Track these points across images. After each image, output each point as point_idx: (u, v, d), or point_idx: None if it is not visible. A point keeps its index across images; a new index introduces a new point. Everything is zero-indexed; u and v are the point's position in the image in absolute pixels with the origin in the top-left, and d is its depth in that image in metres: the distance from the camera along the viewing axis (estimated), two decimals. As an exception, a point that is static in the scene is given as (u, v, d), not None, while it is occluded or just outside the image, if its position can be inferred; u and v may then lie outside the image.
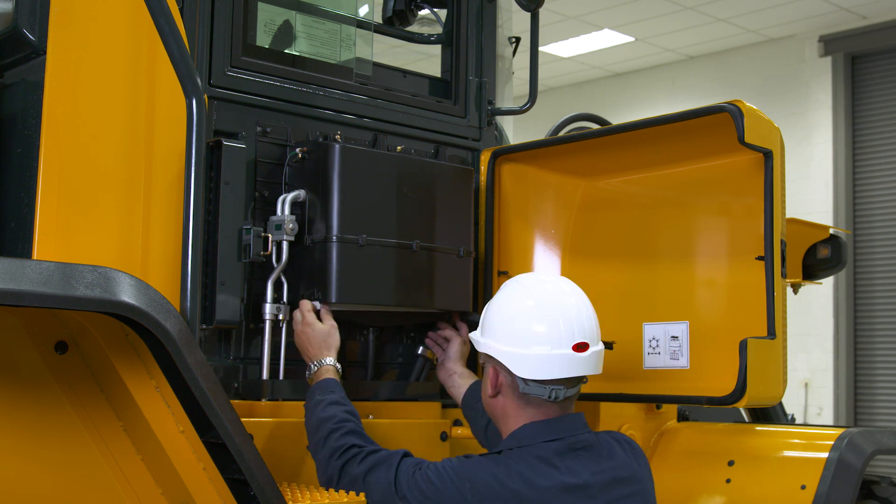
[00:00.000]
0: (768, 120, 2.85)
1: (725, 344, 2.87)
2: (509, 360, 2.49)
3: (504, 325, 2.54)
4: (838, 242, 4.40)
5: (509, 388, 2.52)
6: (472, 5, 3.45)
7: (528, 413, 2.51)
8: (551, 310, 2.51)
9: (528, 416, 2.51)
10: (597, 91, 12.32)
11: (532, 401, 2.50)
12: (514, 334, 2.50)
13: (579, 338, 2.49)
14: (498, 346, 2.52)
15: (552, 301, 2.53)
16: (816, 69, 10.25)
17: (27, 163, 2.41)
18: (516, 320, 2.52)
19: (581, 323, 2.52)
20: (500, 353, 2.51)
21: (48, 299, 2.01)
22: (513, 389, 2.51)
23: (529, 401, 2.50)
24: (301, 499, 2.44)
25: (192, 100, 2.43)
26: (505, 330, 2.53)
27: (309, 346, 2.80)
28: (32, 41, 2.50)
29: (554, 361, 2.47)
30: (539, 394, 2.48)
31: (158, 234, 2.49)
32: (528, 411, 2.51)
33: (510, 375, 2.51)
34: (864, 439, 3.34)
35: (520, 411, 2.52)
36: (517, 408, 2.52)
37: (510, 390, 2.52)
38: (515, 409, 2.52)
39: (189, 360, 2.21)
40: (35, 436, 2.26)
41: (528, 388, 2.48)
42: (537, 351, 2.46)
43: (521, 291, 2.58)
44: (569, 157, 3.36)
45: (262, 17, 3.05)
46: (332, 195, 2.86)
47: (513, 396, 2.52)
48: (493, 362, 2.55)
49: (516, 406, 2.52)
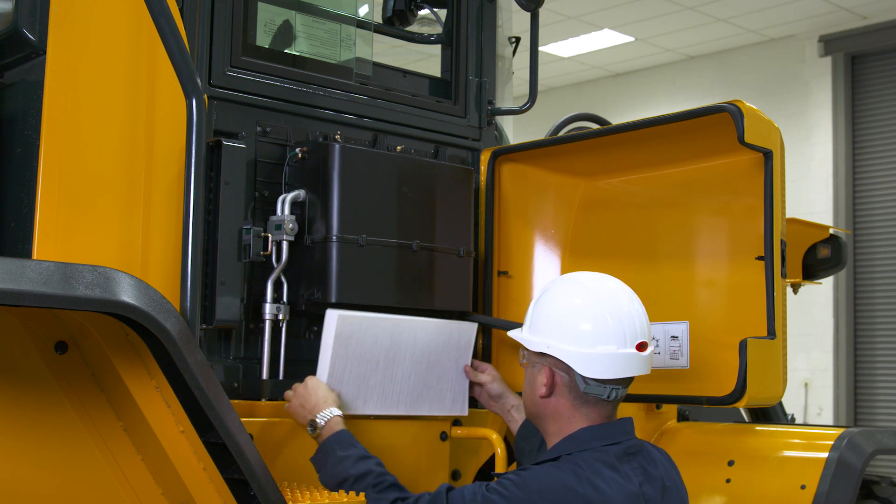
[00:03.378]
0: (768, 120, 2.85)
1: (725, 344, 2.87)
2: (573, 359, 2.41)
3: (564, 323, 2.45)
4: (838, 242, 4.40)
5: (566, 387, 2.44)
6: (472, 5, 3.46)
7: (583, 413, 2.44)
8: (615, 308, 2.44)
9: (583, 417, 2.44)
10: (597, 91, 12.32)
11: (589, 400, 2.43)
12: (576, 333, 2.42)
13: (641, 337, 2.44)
14: (560, 345, 2.43)
15: (613, 299, 2.47)
16: (816, 69, 10.25)
17: (27, 163, 2.41)
18: (578, 318, 2.43)
19: (642, 321, 2.47)
20: (563, 353, 2.42)
21: (48, 299, 2.00)
22: (570, 389, 2.44)
23: (586, 400, 2.43)
24: (301, 499, 2.44)
25: (192, 100, 2.43)
26: (566, 328, 2.44)
27: (305, 402, 2.65)
28: (32, 41, 2.50)
29: (619, 361, 2.41)
30: (598, 393, 2.41)
31: (158, 234, 2.49)
32: (582, 412, 2.44)
33: (568, 374, 2.43)
34: (864, 439, 3.34)
35: (574, 412, 2.44)
36: (572, 408, 2.44)
37: (567, 390, 2.44)
38: (570, 409, 2.45)
39: (189, 360, 2.21)
40: (35, 436, 2.26)
41: (589, 387, 2.41)
42: (603, 350, 2.40)
43: (579, 289, 2.50)
44: (569, 157, 3.36)
45: (262, 17, 3.06)
46: (332, 195, 2.86)
47: (569, 396, 2.44)
48: (547, 361, 2.46)
49: (571, 406, 2.44)
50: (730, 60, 11.01)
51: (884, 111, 9.96)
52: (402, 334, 2.88)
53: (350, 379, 2.79)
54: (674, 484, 2.49)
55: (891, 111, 9.92)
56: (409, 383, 2.90)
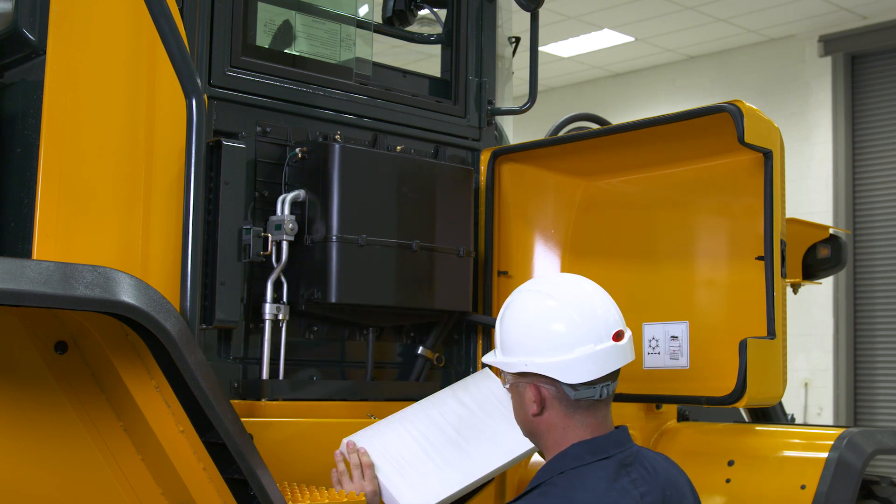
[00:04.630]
0: (768, 120, 2.85)
1: (725, 344, 2.88)
2: (555, 370, 2.30)
3: (534, 336, 2.34)
4: (838, 242, 4.40)
5: (555, 399, 2.34)
6: (472, 5, 3.46)
7: (578, 420, 2.34)
8: (579, 305, 2.35)
9: (578, 424, 2.34)
10: (597, 91, 12.32)
11: (581, 405, 2.33)
12: (549, 342, 2.31)
13: (615, 326, 2.34)
14: (537, 359, 2.31)
15: (575, 297, 2.37)
16: (816, 69, 10.25)
17: (27, 163, 2.41)
18: (547, 327, 2.33)
19: (610, 310, 2.38)
20: (543, 367, 2.30)
21: (48, 299, 2.00)
22: (560, 400, 2.34)
23: (579, 406, 2.33)
24: (301, 499, 2.44)
25: (192, 100, 2.43)
26: (537, 341, 2.33)
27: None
28: (32, 41, 2.50)
29: (601, 357, 2.30)
30: (590, 395, 2.32)
31: (158, 234, 2.49)
32: (577, 419, 2.34)
33: (554, 386, 2.33)
34: (864, 439, 3.34)
35: (568, 421, 2.34)
36: (566, 417, 2.34)
37: (557, 402, 2.34)
38: (564, 419, 2.35)
39: (189, 360, 2.21)
40: (35, 436, 2.26)
41: (578, 392, 2.32)
42: (581, 352, 2.29)
43: (538, 297, 2.40)
44: (569, 157, 3.36)
45: (262, 17, 3.06)
46: (331, 195, 2.86)
47: (560, 407, 2.34)
48: (529, 378, 2.35)
49: (564, 416, 2.34)
50: (730, 60, 11.01)
51: (884, 111, 9.96)
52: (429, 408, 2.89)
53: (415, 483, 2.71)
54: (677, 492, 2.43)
55: (891, 111, 9.92)
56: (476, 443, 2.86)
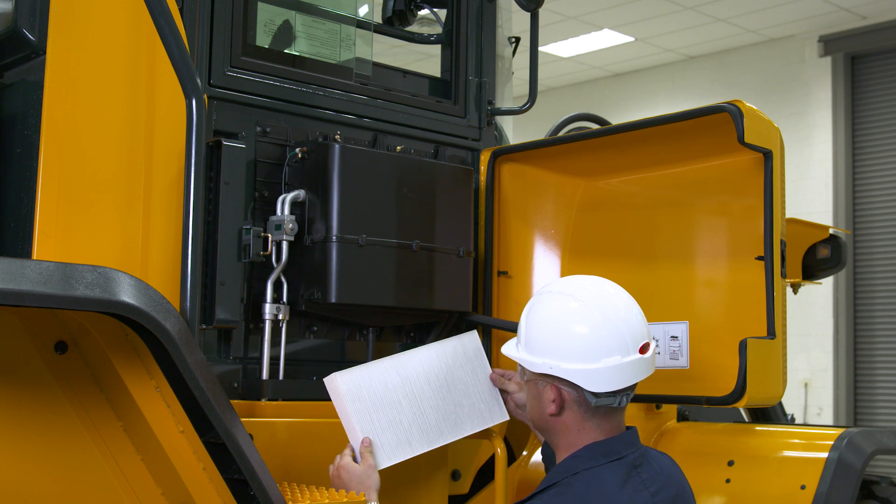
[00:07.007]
0: (768, 120, 2.85)
1: (725, 344, 2.87)
2: (579, 377, 2.33)
3: (563, 340, 2.37)
4: (838, 242, 4.40)
5: (575, 402, 2.38)
6: (472, 5, 3.46)
7: (593, 424, 2.39)
8: (611, 316, 2.37)
9: (593, 428, 2.38)
10: (597, 91, 12.32)
11: (599, 411, 2.38)
12: (578, 349, 2.34)
13: (642, 339, 2.39)
14: (563, 364, 2.35)
15: (607, 307, 2.39)
16: (816, 69, 10.25)
17: (27, 163, 2.41)
18: (577, 334, 2.36)
19: (640, 322, 2.41)
20: (568, 372, 2.34)
21: (48, 299, 2.00)
22: (579, 404, 2.38)
23: (597, 412, 2.38)
24: (301, 499, 2.44)
25: (192, 100, 2.43)
26: (565, 347, 2.36)
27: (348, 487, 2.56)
28: (32, 41, 2.50)
29: (626, 369, 2.34)
30: (609, 403, 2.36)
31: (158, 234, 2.49)
32: (592, 423, 2.39)
33: (576, 391, 2.36)
34: (864, 439, 3.34)
35: (584, 423, 2.39)
36: (582, 420, 2.39)
37: (576, 405, 2.38)
38: (580, 422, 2.39)
39: (189, 360, 2.21)
40: (35, 436, 2.26)
41: (599, 400, 2.35)
42: (609, 363, 2.33)
43: (570, 302, 2.41)
44: (569, 157, 3.36)
45: (262, 17, 3.06)
46: (331, 195, 2.86)
47: (578, 410, 2.38)
48: (551, 379, 2.38)
49: (581, 419, 2.39)
50: (730, 60, 11.01)
51: (884, 111, 9.96)
52: (407, 368, 2.80)
53: (382, 428, 2.69)
54: (682, 490, 2.46)
55: (891, 111, 9.92)
56: (441, 410, 2.82)
